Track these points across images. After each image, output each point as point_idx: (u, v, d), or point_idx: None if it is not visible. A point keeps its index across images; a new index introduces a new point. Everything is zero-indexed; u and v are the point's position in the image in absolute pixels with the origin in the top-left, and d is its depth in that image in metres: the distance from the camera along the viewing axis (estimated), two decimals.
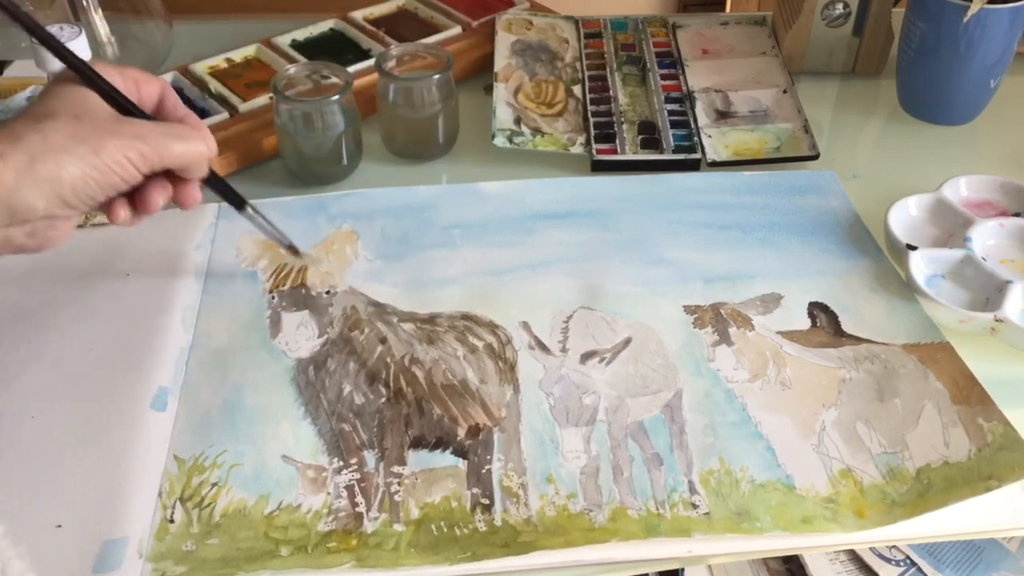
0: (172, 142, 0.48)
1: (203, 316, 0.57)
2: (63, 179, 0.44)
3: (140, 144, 0.46)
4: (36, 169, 0.43)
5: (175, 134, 0.48)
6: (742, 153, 0.71)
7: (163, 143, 0.47)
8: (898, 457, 0.48)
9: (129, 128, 0.47)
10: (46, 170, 0.44)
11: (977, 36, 0.69)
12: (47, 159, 0.44)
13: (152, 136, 0.47)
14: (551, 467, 0.48)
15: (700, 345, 0.55)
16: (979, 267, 0.58)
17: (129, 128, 0.47)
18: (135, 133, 0.47)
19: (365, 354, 0.54)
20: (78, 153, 0.44)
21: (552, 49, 0.83)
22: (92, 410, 0.51)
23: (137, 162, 0.46)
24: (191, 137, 0.49)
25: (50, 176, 0.44)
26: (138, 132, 0.47)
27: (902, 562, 0.47)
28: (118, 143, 0.46)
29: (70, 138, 0.45)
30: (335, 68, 0.68)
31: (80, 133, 0.45)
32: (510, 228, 0.64)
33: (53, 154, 0.44)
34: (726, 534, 0.45)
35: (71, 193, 0.45)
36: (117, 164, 0.46)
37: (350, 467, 0.49)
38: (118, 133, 0.46)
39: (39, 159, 0.44)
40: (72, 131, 0.45)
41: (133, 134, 0.46)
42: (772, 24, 0.85)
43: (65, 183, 0.44)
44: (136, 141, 0.46)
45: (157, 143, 0.47)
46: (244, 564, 0.44)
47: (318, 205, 0.66)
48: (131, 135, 0.46)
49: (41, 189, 0.44)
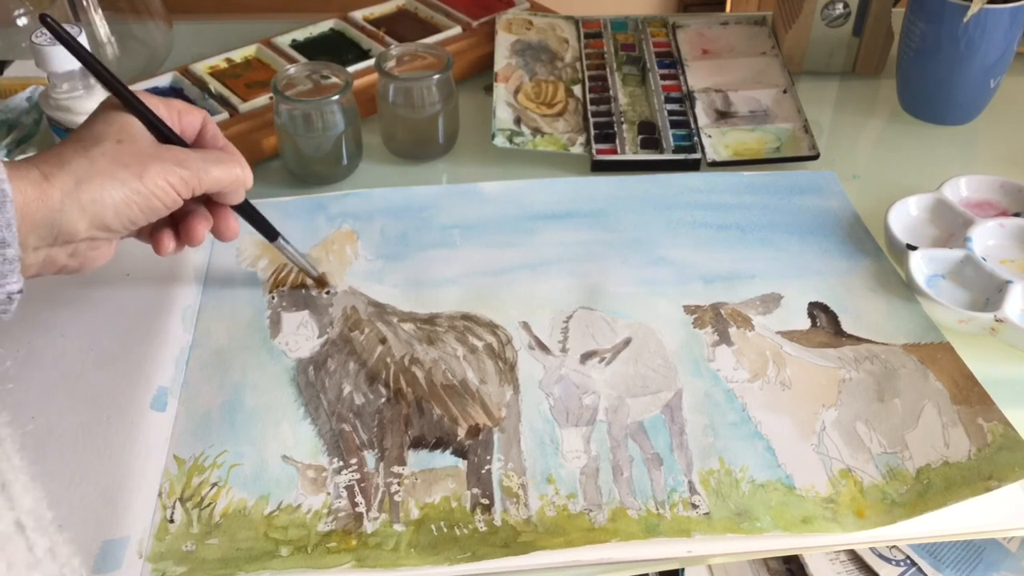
0: (211, 167, 0.50)
1: (203, 316, 0.57)
2: (106, 202, 0.46)
3: (181, 169, 0.48)
4: (81, 192, 0.45)
5: (213, 159, 0.50)
6: (742, 153, 0.71)
7: (202, 167, 0.49)
8: (898, 457, 0.48)
9: (170, 154, 0.49)
10: (90, 193, 0.45)
11: (977, 36, 0.69)
12: (92, 182, 0.45)
13: (192, 161, 0.49)
14: (551, 467, 0.48)
15: (700, 345, 0.55)
16: (979, 267, 0.58)
17: (170, 154, 0.49)
18: (176, 159, 0.48)
19: (365, 354, 0.54)
20: (121, 178, 0.46)
21: (552, 49, 0.83)
22: (92, 410, 0.51)
23: (178, 187, 0.48)
24: (228, 162, 0.51)
25: (94, 199, 0.45)
26: (179, 158, 0.49)
27: (902, 562, 0.47)
28: (160, 168, 0.47)
29: (114, 162, 0.46)
30: (335, 68, 0.68)
31: (123, 158, 0.47)
32: (510, 228, 0.64)
33: (99, 178, 0.46)
34: (726, 534, 0.45)
35: (113, 216, 0.46)
36: (159, 189, 0.47)
37: (350, 467, 0.49)
38: (160, 158, 0.48)
39: (84, 182, 0.45)
40: (116, 156, 0.47)
41: (174, 159, 0.48)
42: (772, 24, 0.85)
43: (108, 206, 0.46)
44: (177, 167, 0.48)
45: (197, 167, 0.49)
46: (244, 564, 0.44)
47: (318, 205, 0.66)
48: (172, 160, 0.48)
49: (85, 211, 0.45)
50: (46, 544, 0.44)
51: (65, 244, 0.47)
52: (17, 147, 0.68)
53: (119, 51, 0.79)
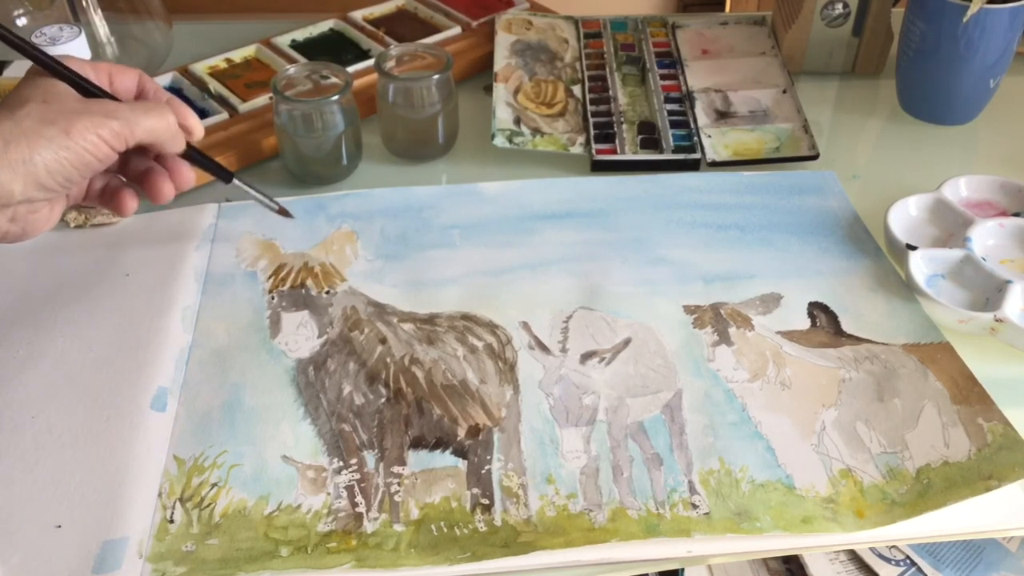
0: (141, 116, 0.49)
1: (203, 316, 0.57)
2: (36, 161, 0.46)
3: (111, 121, 0.48)
4: (9, 153, 0.45)
5: (143, 109, 0.50)
6: (742, 153, 0.71)
7: (132, 117, 0.49)
8: (898, 457, 0.48)
9: (99, 107, 0.48)
10: (19, 153, 0.45)
11: (977, 36, 0.69)
12: (19, 143, 0.45)
13: (121, 111, 0.49)
14: (551, 467, 0.48)
15: (700, 345, 0.55)
16: (979, 267, 0.58)
17: (99, 107, 0.48)
18: (104, 111, 0.48)
19: (365, 354, 0.54)
20: (48, 135, 0.46)
21: (552, 49, 0.83)
22: (92, 410, 0.51)
23: (109, 139, 0.48)
24: (160, 111, 0.51)
25: (23, 158, 0.45)
26: (107, 110, 0.48)
27: (902, 562, 0.47)
28: (88, 122, 0.47)
29: (40, 121, 0.46)
30: (335, 68, 0.68)
31: (49, 115, 0.47)
32: (510, 228, 0.64)
33: (25, 137, 0.46)
34: (726, 534, 0.45)
35: (46, 175, 0.46)
36: (89, 143, 0.47)
37: (350, 467, 0.49)
38: (87, 112, 0.48)
39: (12, 143, 0.45)
40: (42, 115, 0.47)
41: (102, 112, 0.48)
42: (772, 24, 0.85)
43: (39, 165, 0.46)
44: (106, 118, 0.48)
45: (127, 117, 0.49)
46: (244, 564, 0.44)
47: (317, 205, 0.66)
48: (100, 113, 0.48)
49: (16, 172, 0.45)
50: (46, 544, 0.44)
51: (3, 208, 0.47)
52: None
53: (119, 51, 0.79)
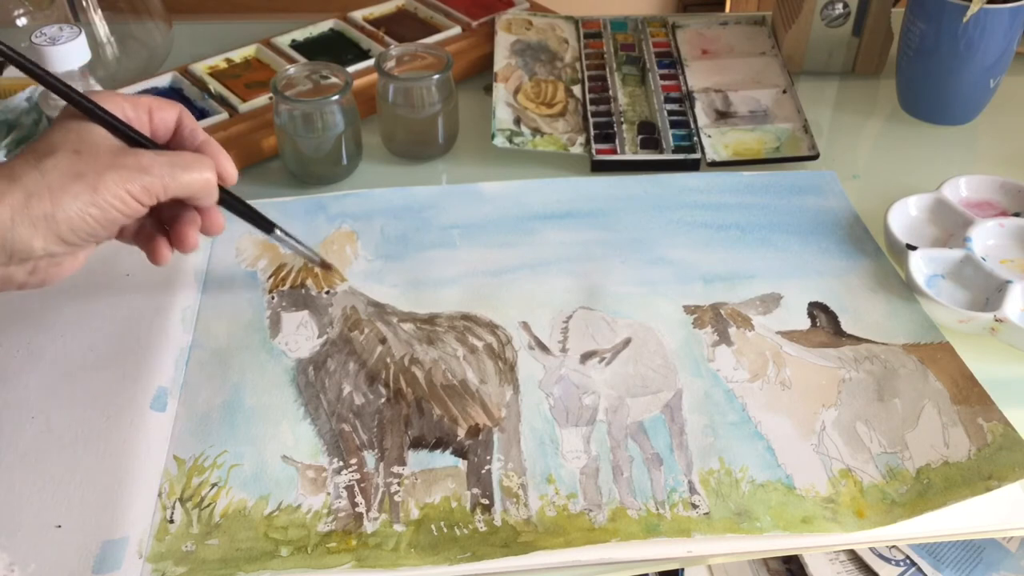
0: (179, 172, 0.46)
1: (203, 316, 0.57)
2: (59, 217, 0.43)
3: (143, 176, 0.45)
4: (31, 208, 0.42)
5: (182, 164, 0.47)
6: (742, 153, 0.71)
7: (168, 172, 0.46)
8: (898, 457, 0.48)
9: (132, 159, 0.45)
10: (41, 208, 0.43)
11: (977, 36, 0.69)
12: (43, 197, 0.43)
13: (155, 166, 0.46)
14: (551, 467, 0.48)
15: (700, 345, 0.55)
16: (979, 267, 0.58)
17: (132, 159, 0.45)
18: (138, 165, 0.45)
19: (365, 354, 0.54)
20: (74, 191, 0.43)
21: (552, 49, 0.83)
22: (92, 410, 0.51)
23: (139, 195, 0.45)
24: (198, 166, 0.48)
25: (46, 214, 0.43)
26: (141, 164, 0.45)
27: (902, 562, 0.47)
28: (118, 176, 0.44)
29: (67, 174, 0.43)
30: (335, 68, 0.68)
31: (78, 168, 0.44)
32: (510, 228, 0.64)
33: (49, 191, 0.43)
34: (726, 534, 0.45)
35: (69, 231, 0.44)
36: (117, 199, 0.44)
37: (350, 467, 0.49)
38: (119, 166, 0.45)
39: (35, 197, 0.43)
40: (69, 167, 0.44)
41: (136, 166, 0.45)
42: (772, 24, 0.85)
43: (61, 221, 0.43)
44: (139, 173, 0.45)
45: (162, 173, 0.46)
46: (244, 564, 0.44)
47: (317, 205, 0.66)
48: (134, 167, 0.45)
49: (37, 228, 0.43)
50: (46, 544, 0.44)
51: (22, 262, 0.44)
52: (17, 147, 0.68)
53: (119, 51, 0.79)
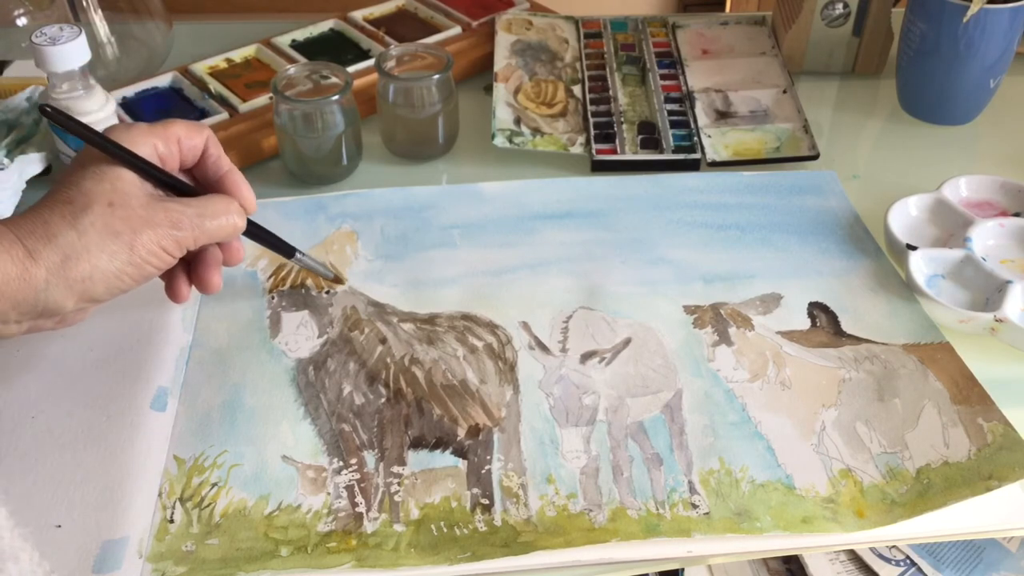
0: (207, 221, 0.47)
1: (203, 316, 0.57)
2: (95, 278, 0.44)
3: (175, 232, 0.46)
4: (68, 270, 0.43)
5: (210, 213, 0.48)
6: (742, 153, 0.71)
7: (198, 224, 0.47)
8: (898, 457, 0.48)
9: (164, 215, 0.46)
10: (79, 271, 0.43)
11: (977, 36, 0.69)
12: (80, 259, 0.43)
13: (185, 220, 0.46)
14: (551, 467, 0.48)
15: (700, 345, 0.55)
16: (979, 267, 0.58)
17: (164, 215, 0.46)
18: (171, 221, 0.46)
19: (365, 354, 0.54)
20: (111, 250, 0.44)
21: (552, 49, 0.83)
22: (92, 410, 0.51)
23: (172, 250, 0.46)
24: (224, 211, 0.48)
25: (83, 277, 0.43)
26: (173, 219, 0.46)
27: (902, 562, 0.47)
28: (152, 234, 0.45)
29: (104, 233, 0.44)
30: (335, 68, 0.68)
31: (114, 225, 0.44)
32: (510, 228, 0.64)
33: (87, 252, 0.43)
34: (726, 534, 0.45)
35: (104, 291, 0.45)
36: (153, 255, 0.45)
37: (350, 467, 0.49)
38: (152, 222, 0.45)
39: (72, 259, 0.43)
40: (106, 224, 0.44)
41: (169, 222, 0.46)
42: (772, 24, 0.85)
43: (98, 282, 0.44)
44: (171, 229, 0.46)
45: (192, 225, 0.47)
46: (244, 564, 0.44)
47: (317, 205, 0.66)
48: (167, 223, 0.46)
49: (72, 289, 0.43)
50: (46, 544, 0.44)
51: (51, 316, 0.45)
52: (17, 147, 0.68)
53: (119, 51, 0.79)
